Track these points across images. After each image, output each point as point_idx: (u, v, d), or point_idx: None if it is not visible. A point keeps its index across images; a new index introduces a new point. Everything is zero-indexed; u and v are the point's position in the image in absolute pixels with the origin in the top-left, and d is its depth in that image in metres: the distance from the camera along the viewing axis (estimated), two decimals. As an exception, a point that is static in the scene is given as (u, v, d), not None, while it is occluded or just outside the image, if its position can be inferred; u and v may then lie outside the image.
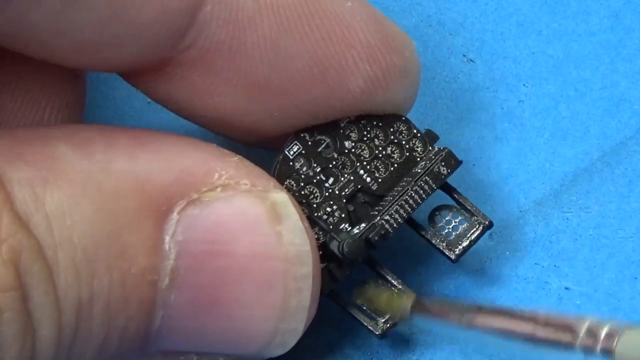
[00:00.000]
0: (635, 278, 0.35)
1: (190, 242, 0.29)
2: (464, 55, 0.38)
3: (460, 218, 0.34)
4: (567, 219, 0.36)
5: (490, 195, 0.36)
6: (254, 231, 0.29)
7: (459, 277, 0.35)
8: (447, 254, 0.33)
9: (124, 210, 0.28)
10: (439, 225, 0.34)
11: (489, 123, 0.37)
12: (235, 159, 0.30)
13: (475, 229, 0.34)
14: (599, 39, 0.38)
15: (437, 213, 0.34)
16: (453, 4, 0.38)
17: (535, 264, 0.36)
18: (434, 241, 0.34)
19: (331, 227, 0.32)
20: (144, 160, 0.29)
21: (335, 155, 0.33)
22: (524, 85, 0.37)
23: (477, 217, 0.34)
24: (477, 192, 0.36)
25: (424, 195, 0.33)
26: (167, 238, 0.28)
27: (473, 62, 0.38)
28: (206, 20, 0.29)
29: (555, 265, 0.36)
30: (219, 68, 0.30)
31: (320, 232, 0.32)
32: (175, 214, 0.28)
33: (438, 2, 0.38)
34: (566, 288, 0.35)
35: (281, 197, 0.30)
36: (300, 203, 0.32)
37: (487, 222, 0.34)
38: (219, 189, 0.29)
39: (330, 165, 0.33)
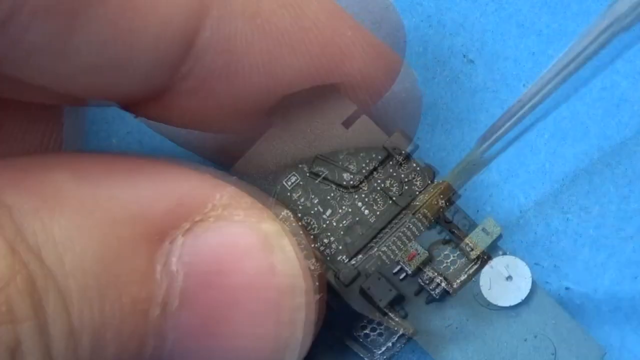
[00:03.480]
0: (635, 278, 0.35)
1: (183, 273, 0.28)
2: (464, 56, 0.38)
3: (458, 252, 0.33)
4: (567, 219, 0.36)
5: (490, 195, 0.36)
6: (246, 262, 0.29)
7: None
8: (445, 287, 0.33)
9: (116, 239, 0.27)
10: (437, 259, 0.33)
11: (489, 123, 0.37)
12: (230, 188, 0.29)
13: (473, 263, 0.33)
14: (599, 39, 0.38)
15: (435, 247, 0.33)
16: (453, 4, 0.38)
17: (536, 264, 0.36)
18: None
19: (328, 258, 0.32)
20: (139, 189, 0.28)
21: (333, 187, 0.32)
22: (524, 85, 0.37)
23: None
24: (477, 192, 0.36)
25: (422, 228, 0.32)
26: (159, 268, 0.28)
27: (473, 62, 0.38)
28: (204, 46, 0.29)
29: (555, 265, 0.36)
30: (217, 95, 0.30)
31: (317, 263, 0.32)
32: (167, 243, 0.28)
33: (438, 2, 0.38)
34: (566, 288, 0.35)
35: (274, 228, 0.29)
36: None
37: (485, 257, 0.33)
38: (212, 219, 0.29)
39: (328, 197, 0.32)
